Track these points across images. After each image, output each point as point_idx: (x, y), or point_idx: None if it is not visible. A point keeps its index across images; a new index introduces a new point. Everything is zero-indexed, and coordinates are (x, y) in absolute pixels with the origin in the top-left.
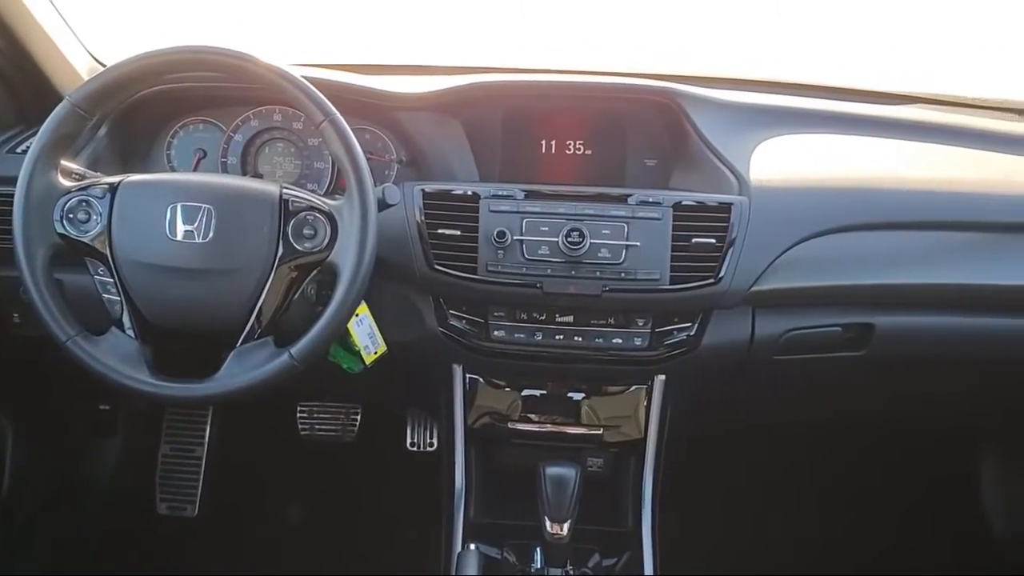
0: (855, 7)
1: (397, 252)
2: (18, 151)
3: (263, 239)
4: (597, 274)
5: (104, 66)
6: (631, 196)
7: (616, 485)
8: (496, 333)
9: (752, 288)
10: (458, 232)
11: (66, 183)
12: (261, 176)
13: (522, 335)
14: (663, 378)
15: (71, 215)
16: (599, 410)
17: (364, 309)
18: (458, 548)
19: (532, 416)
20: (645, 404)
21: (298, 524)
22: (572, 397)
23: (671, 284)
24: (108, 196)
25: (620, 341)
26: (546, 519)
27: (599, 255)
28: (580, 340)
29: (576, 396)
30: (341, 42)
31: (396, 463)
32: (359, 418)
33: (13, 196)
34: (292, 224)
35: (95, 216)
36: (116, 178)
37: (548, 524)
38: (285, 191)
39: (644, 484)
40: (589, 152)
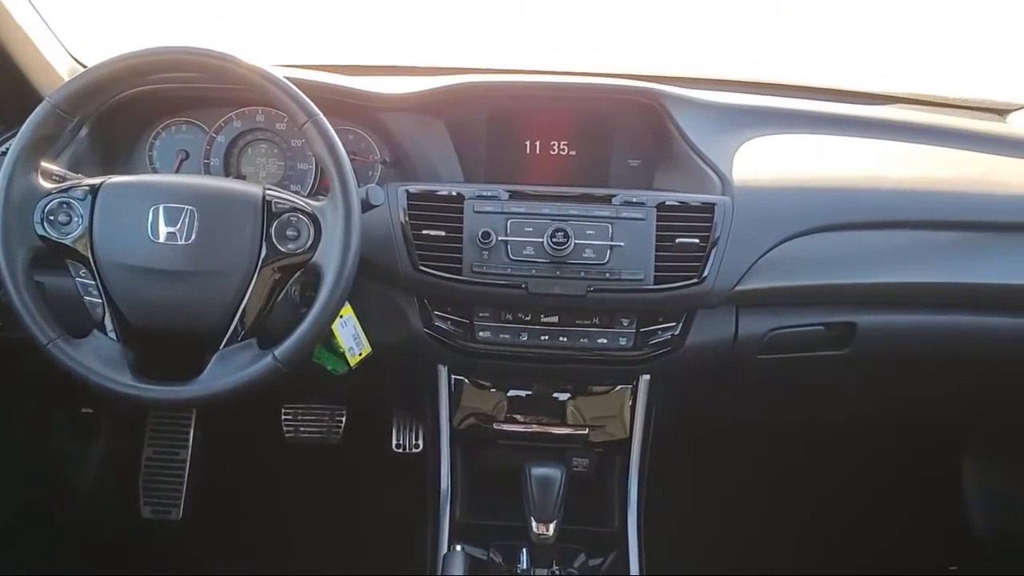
0: (850, 7)
1: (381, 253)
2: None
3: (246, 240)
4: (582, 274)
5: (85, 67)
6: (615, 196)
7: (602, 485)
8: (481, 334)
9: (736, 288)
10: (443, 233)
11: (46, 185)
12: (244, 177)
13: (507, 336)
14: (648, 378)
15: (52, 217)
16: (584, 410)
17: (348, 310)
18: (444, 549)
19: (517, 417)
20: (630, 404)
21: (283, 526)
22: (557, 397)
23: (655, 284)
24: (89, 198)
25: (605, 341)
26: (532, 519)
27: (584, 255)
28: (565, 340)
29: (561, 396)
30: (339, 43)
31: (381, 465)
32: (344, 420)
33: None
34: (275, 225)
35: (76, 218)
36: (97, 180)
37: (534, 525)
38: (268, 192)
39: (630, 484)
40: (573, 153)
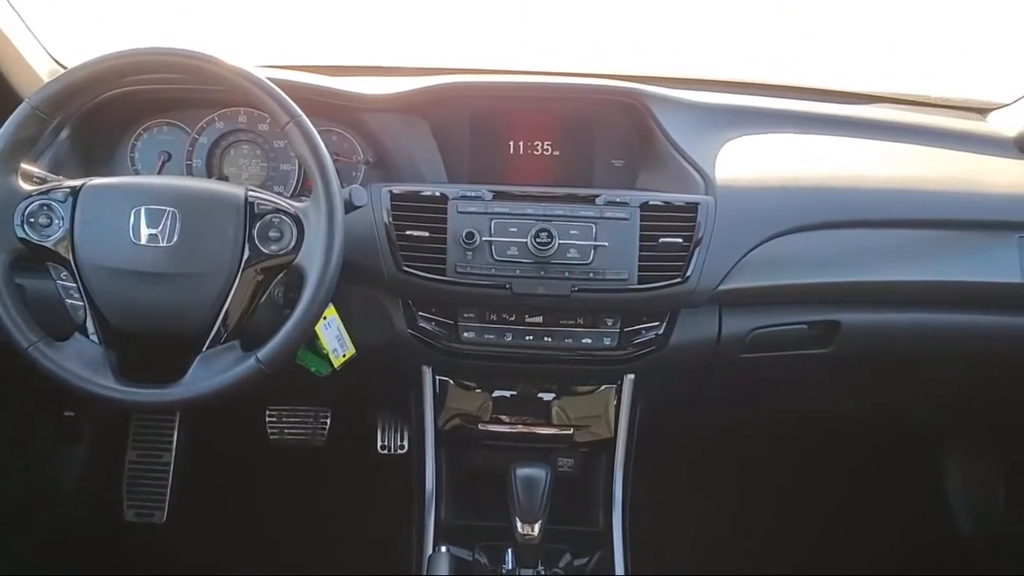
0: (843, 7)
1: (365, 254)
2: None
3: (228, 242)
4: (566, 274)
5: (65, 68)
6: (599, 196)
7: (587, 485)
8: (466, 334)
9: (719, 287)
10: (426, 233)
11: (27, 187)
12: (227, 178)
13: (492, 336)
14: (632, 377)
15: (32, 219)
16: (569, 410)
17: (332, 312)
18: (429, 551)
19: (503, 417)
20: (615, 403)
21: (268, 529)
22: (542, 398)
23: (639, 284)
24: (70, 200)
25: (589, 341)
26: (517, 520)
27: (568, 255)
28: (550, 340)
29: (546, 397)
30: (337, 44)
31: (366, 466)
32: (328, 421)
33: None
34: (258, 226)
35: (57, 220)
36: (78, 182)
37: (519, 525)
38: (250, 193)
39: (614, 483)
40: (557, 153)
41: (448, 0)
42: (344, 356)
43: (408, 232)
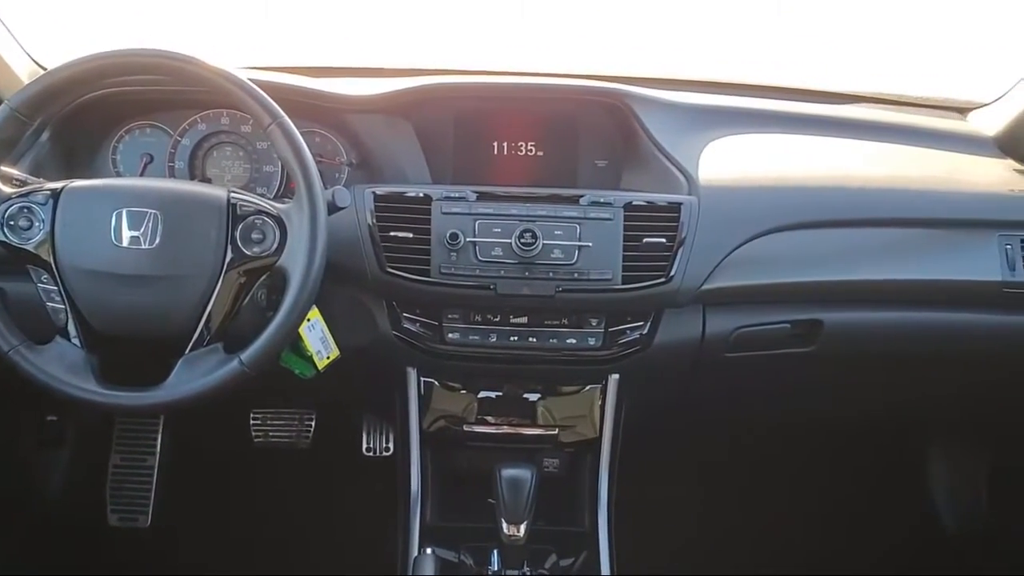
0: (841, 8)
1: (349, 255)
2: None
3: (211, 244)
4: (550, 275)
5: (45, 70)
6: (583, 197)
7: (572, 485)
8: (450, 335)
9: (702, 286)
10: (410, 235)
11: (6, 190)
12: (210, 180)
13: (476, 337)
14: (617, 377)
15: (12, 222)
16: (555, 410)
17: (316, 314)
18: (414, 552)
19: (488, 418)
20: (600, 403)
21: (253, 532)
22: (528, 398)
23: (623, 284)
24: (51, 202)
25: (574, 341)
26: (502, 521)
27: (552, 256)
28: (534, 341)
29: (532, 397)
30: (334, 46)
31: (352, 468)
32: (313, 424)
33: None
34: (240, 228)
35: (37, 223)
36: (59, 184)
37: (504, 526)
38: (233, 195)
39: (600, 483)
40: (541, 153)
41: (448, 1)
42: (328, 358)
43: (392, 233)
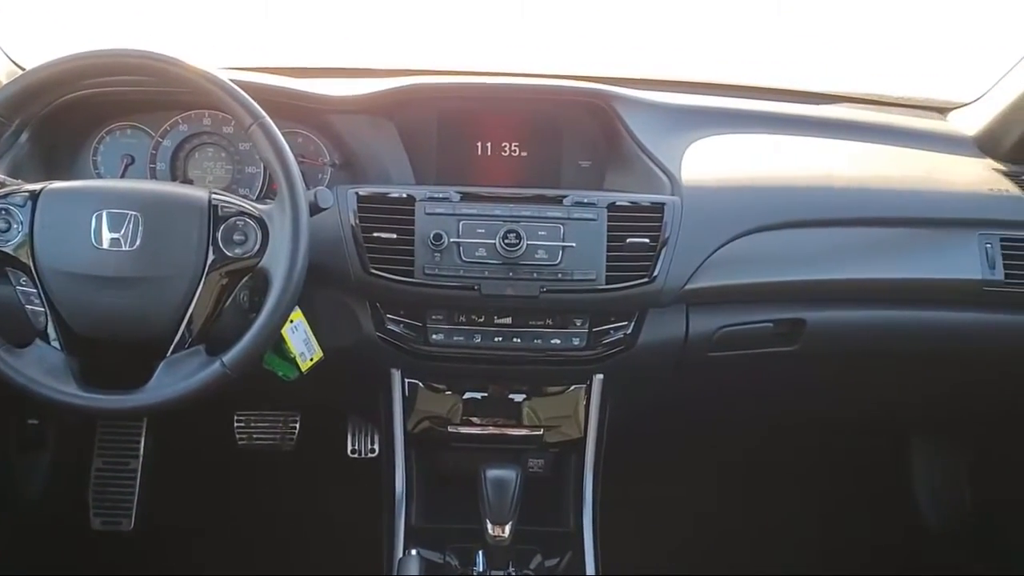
0: (831, 10)
1: (332, 257)
2: None
3: (192, 246)
4: (534, 275)
5: (23, 70)
6: (566, 197)
7: (557, 485)
8: (434, 336)
9: (686, 286)
10: (394, 235)
11: None
12: (192, 182)
13: (461, 338)
14: (601, 377)
15: None
16: (540, 411)
17: (299, 315)
18: (399, 554)
19: (473, 419)
20: (584, 403)
21: (237, 535)
22: (513, 399)
23: (607, 284)
24: (29, 204)
25: (558, 341)
26: (487, 521)
27: (536, 256)
28: (519, 341)
29: (517, 398)
30: (331, 46)
31: (337, 470)
32: (297, 426)
33: None
34: (222, 230)
35: (16, 225)
36: (38, 185)
37: (489, 527)
38: (214, 196)
39: (584, 483)
40: (525, 154)
41: (447, 1)
42: (311, 360)
43: (375, 234)
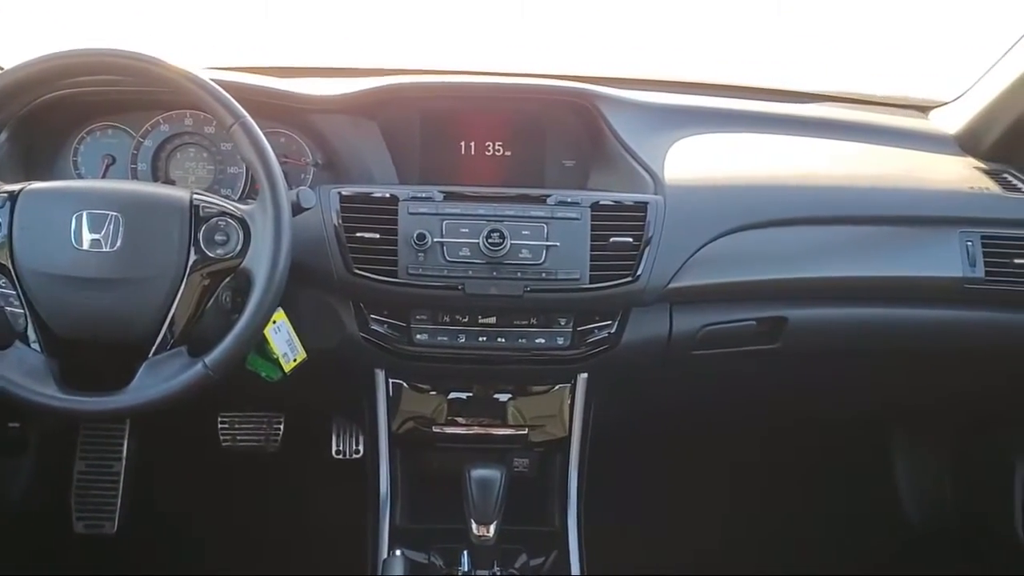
0: (814, 9)
1: (315, 257)
2: None
3: (173, 246)
4: (518, 275)
5: (2, 69)
6: (550, 197)
7: (542, 485)
8: (419, 337)
9: (669, 285)
10: (377, 235)
11: None
12: (173, 182)
13: (445, 338)
14: (585, 376)
15: None
16: (524, 410)
17: (282, 316)
18: (384, 555)
19: (458, 419)
20: (569, 403)
21: (222, 536)
22: (498, 398)
23: (591, 283)
24: (8, 205)
25: (543, 341)
26: (472, 521)
27: (520, 256)
28: (503, 341)
29: (502, 397)
30: (331, 47)
31: (322, 471)
32: (282, 427)
33: None
34: (203, 230)
35: None
36: (16, 186)
37: (474, 526)
38: (196, 197)
39: (569, 482)
40: (508, 153)
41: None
42: (295, 360)
43: (358, 234)
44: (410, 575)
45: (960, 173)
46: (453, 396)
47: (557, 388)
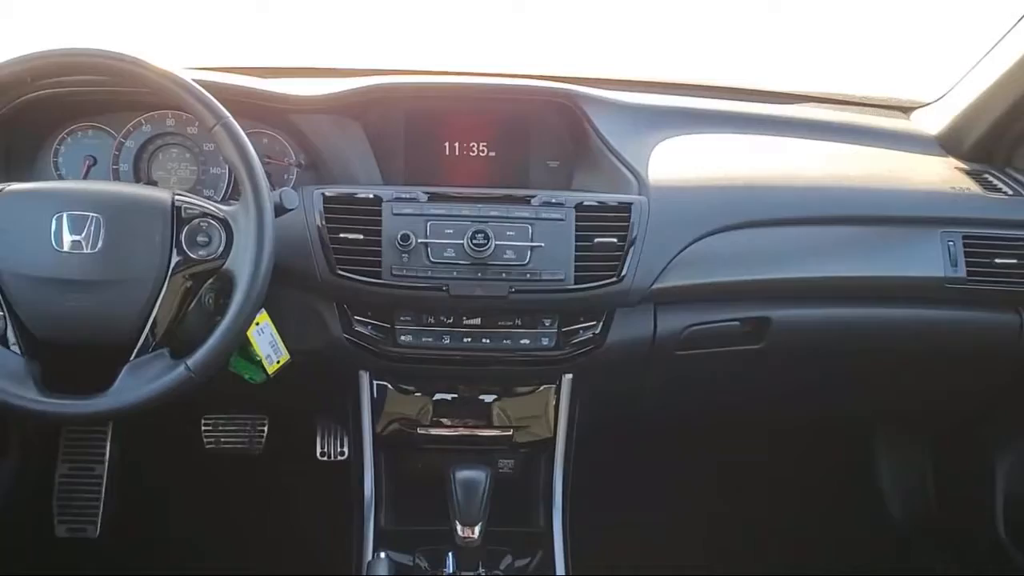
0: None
1: (298, 258)
2: None
3: (155, 248)
4: (503, 275)
5: None
6: (534, 197)
7: (528, 486)
8: (403, 338)
9: (653, 285)
10: (361, 236)
11: None
12: (156, 183)
13: (429, 339)
14: (570, 377)
15: None
16: (509, 411)
17: (265, 317)
18: (368, 557)
19: (443, 420)
20: (554, 403)
21: (206, 539)
22: (483, 399)
23: (575, 284)
24: None
25: (528, 342)
26: (457, 523)
27: (504, 256)
28: (488, 342)
29: (487, 398)
30: (329, 47)
31: (306, 473)
32: (266, 429)
33: None
34: (185, 231)
35: None
36: None
37: (459, 528)
38: (177, 198)
39: (554, 483)
40: (493, 154)
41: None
42: (278, 362)
43: (342, 235)
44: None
45: (941, 173)
46: (438, 397)
47: (542, 389)
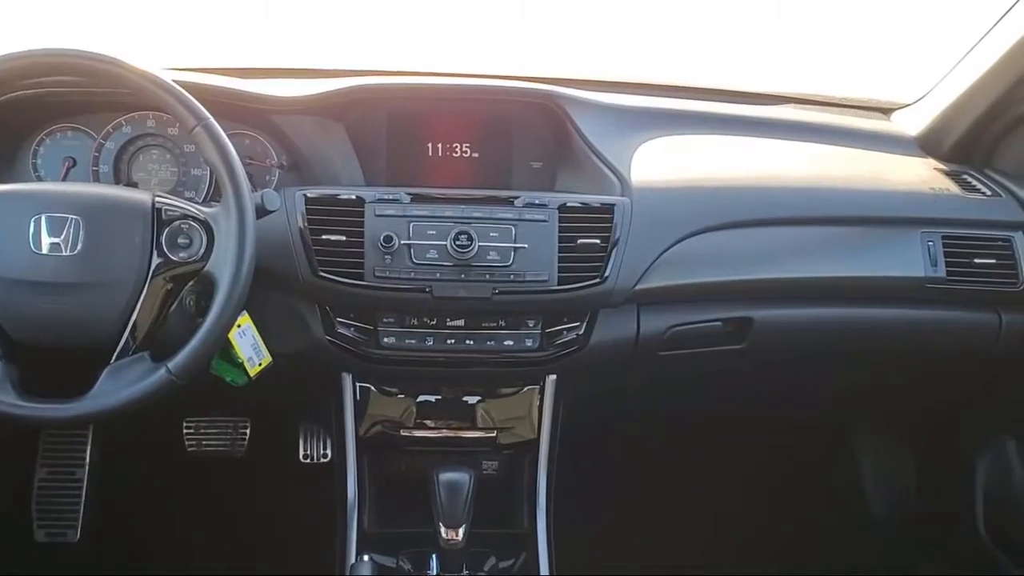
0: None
1: (280, 260)
2: None
3: (135, 250)
4: (487, 277)
5: None
6: (518, 198)
7: (512, 487)
8: (386, 340)
9: (636, 286)
10: (343, 238)
11: None
12: (136, 185)
13: (413, 341)
14: (554, 378)
15: None
16: (493, 413)
17: (247, 319)
18: (351, 559)
19: (427, 422)
20: (538, 404)
21: (188, 542)
22: (466, 401)
23: (559, 285)
24: None
25: (511, 343)
26: (441, 525)
27: (488, 258)
28: (471, 344)
29: (471, 400)
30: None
31: (289, 476)
32: (248, 432)
33: None
34: (166, 233)
35: None
36: None
37: (443, 530)
38: (158, 199)
39: (538, 484)
40: (476, 155)
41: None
42: (260, 365)
43: (324, 236)
44: None
45: (921, 174)
46: (421, 399)
47: (526, 390)
